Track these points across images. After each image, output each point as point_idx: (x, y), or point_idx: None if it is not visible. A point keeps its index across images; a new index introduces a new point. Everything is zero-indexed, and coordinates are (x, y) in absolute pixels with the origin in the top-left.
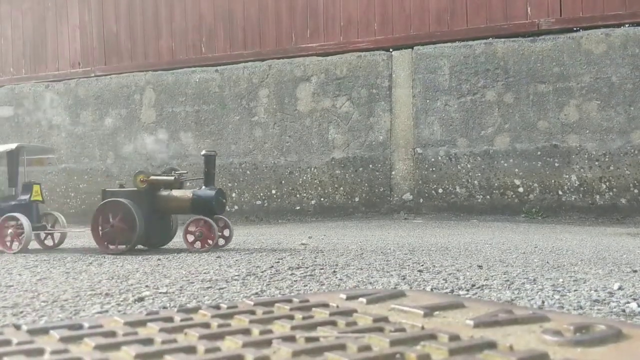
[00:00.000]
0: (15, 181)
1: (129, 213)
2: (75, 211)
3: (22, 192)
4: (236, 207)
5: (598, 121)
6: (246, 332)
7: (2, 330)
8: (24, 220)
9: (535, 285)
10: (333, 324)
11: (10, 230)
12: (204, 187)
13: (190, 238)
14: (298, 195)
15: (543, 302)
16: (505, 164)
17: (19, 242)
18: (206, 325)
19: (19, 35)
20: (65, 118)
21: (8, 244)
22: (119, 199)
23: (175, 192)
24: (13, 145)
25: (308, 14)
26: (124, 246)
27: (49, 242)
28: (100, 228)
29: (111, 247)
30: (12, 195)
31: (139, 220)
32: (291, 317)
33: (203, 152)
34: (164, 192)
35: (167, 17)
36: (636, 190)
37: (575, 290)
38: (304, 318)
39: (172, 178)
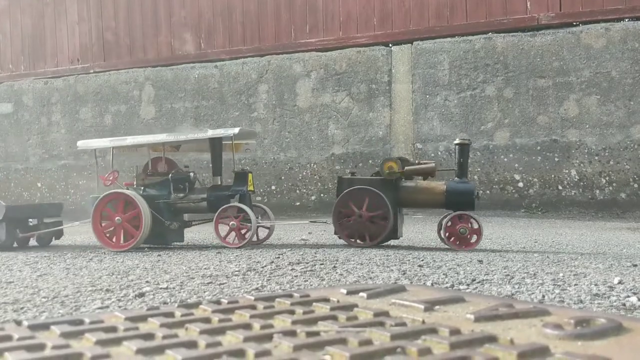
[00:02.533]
0: (219, 169)
1: (381, 204)
2: (75, 207)
3: (235, 181)
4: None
5: (598, 116)
6: (247, 327)
7: (3, 326)
8: (250, 212)
9: (535, 280)
10: (334, 318)
11: (232, 223)
12: (456, 178)
13: (448, 236)
14: (298, 191)
15: (543, 296)
16: (505, 159)
17: (240, 236)
18: (207, 320)
19: (17, 31)
20: (64, 114)
21: (230, 238)
22: (368, 187)
23: (424, 183)
24: (235, 130)
25: (307, 9)
26: (372, 240)
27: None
28: (339, 219)
29: (353, 240)
30: (220, 185)
31: (392, 212)
32: (292, 312)
33: (457, 140)
34: (410, 183)
35: (165, 13)
36: (636, 185)
37: (575, 285)
38: (304, 313)
39: (432, 165)
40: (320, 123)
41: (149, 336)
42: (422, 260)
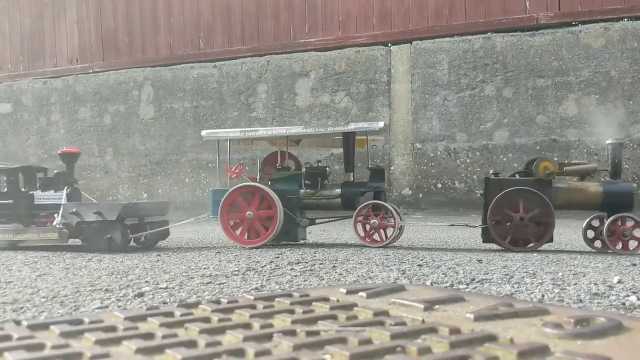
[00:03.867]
0: (352, 165)
1: (542, 205)
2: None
3: (371, 178)
4: None
5: (597, 115)
6: (247, 326)
7: (2, 325)
8: (394, 210)
9: (534, 279)
10: (333, 318)
11: (373, 221)
12: (609, 179)
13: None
14: None
15: (543, 295)
16: (505, 159)
17: (380, 234)
18: (207, 319)
19: (16, 31)
20: (63, 114)
21: (371, 237)
22: (527, 189)
23: (577, 184)
24: (380, 124)
25: (306, 9)
26: (537, 242)
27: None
28: (495, 222)
29: (510, 244)
30: (353, 182)
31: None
32: (292, 312)
33: (609, 140)
34: (562, 184)
35: (165, 12)
36: (635, 184)
37: (575, 284)
38: (304, 312)
39: (593, 165)
40: (319, 123)
41: (149, 336)
42: (422, 259)
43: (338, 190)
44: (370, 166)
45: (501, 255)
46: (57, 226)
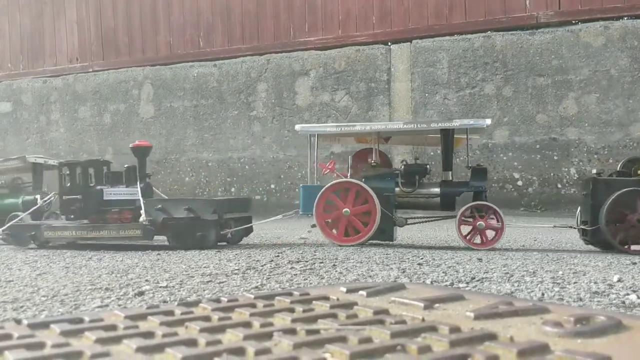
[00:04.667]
0: (451, 164)
1: None
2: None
3: (472, 177)
4: None
5: (597, 114)
6: (247, 325)
7: (3, 324)
8: (500, 212)
9: (535, 278)
10: (333, 316)
11: (480, 223)
12: None
13: None
14: (297, 190)
15: (543, 294)
16: (504, 158)
17: (484, 236)
18: (207, 318)
19: (16, 30)
20: (63, 113)
21: (475, 239)
22: None
23: None
24: (487, 121)
25: (306, 8)
26: None
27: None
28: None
29: (621, 247)
30: (452, 181)
31: None
32: (292, 310)
33: None
34: None
35: (165, 12)
36: None
37: (575, 283)
38: (304, 311)
39: None
40: (319, 122)
41: (149, 334)
42: (422, 258)
43: (437, 189)
44: (470, 165)
45: (501, 254)
46: (143, 223)
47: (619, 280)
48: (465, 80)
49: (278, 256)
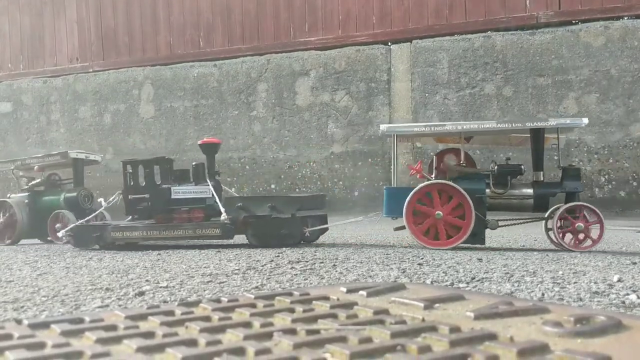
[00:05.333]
0: (542, 164)
1: None
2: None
3: (564, 178)
4: None
5: (597, 114)
6: (247, 325)
7: (3, 324)
8: (600, 213)
9: (535, 278)
10: (334, 316)
11: (578, 225)
12: None
13: None
14: (297, 190)
15: (543, 294)
16: (504, 157)
17: (578, 239)
18: (207, 318)
19: (16, 30)
20: (63, 113)
21: (568, 239)
22: None
23: None
24: (585, 120)
25: (306, 8)
26: None
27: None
28: None
29: None
30: (543, 181)
31: None
32: (292, 310)
33: None
34: None
35: (165, 12)
36: (635, 183)
37: (575, 283)
38: (304, 311)
39: None
40: (319, 122)
41: (149, 334)
42: (422, 258)
43: (529, 191)
44: (561, 165)
45: (501, 254)
46: (224, 221)
47: (619, 280)
48: (465, 80)
49: (278, 256)
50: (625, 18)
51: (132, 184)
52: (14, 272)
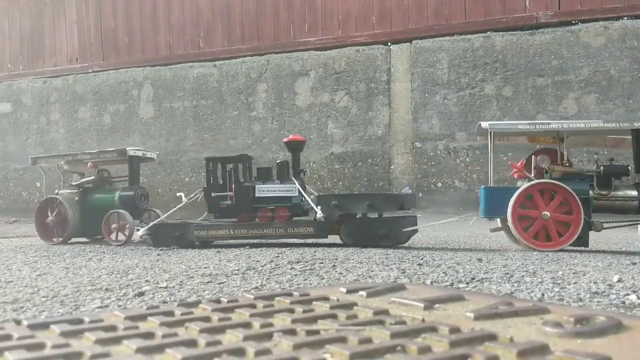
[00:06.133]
0: None
1: None
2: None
3: None
4: None
5: (597, 114)
6: (247, 325)
7: (2, 325)
8: None
9: (534, 278)
10: (333, 317)
11: None
12: None
13: None
14: None
15: (543, 294)
16: (505, 158)
17: None
18: (207, 319)
19: (16, 31)
20: (63, 114)
21: None
22: None
23: None
24: None
25: (306, 8)
26: None
27: None
28: None
29: None
30: None
31: None
32: (292, 311)
33: None
34: None
35: (164, 12)
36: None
37: (574, 283)
38: (304, 311)
39: None
40: (319, 122)
41: (149, 335)
42: (422, 259)
43: (634, 192)
44: None
45: (501, 254)
46: (319, 220)
47: (619, 281)
48: (465, 81)
49: (278, 257)
50: (625, 18)
51: (214, 181)
52: (13, 273)
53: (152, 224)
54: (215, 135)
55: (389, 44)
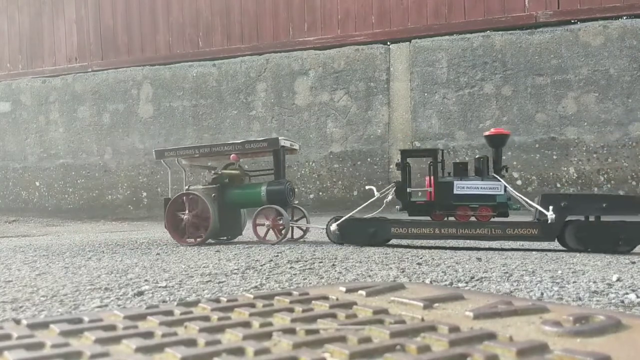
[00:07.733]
0: None
1: None
2: (72, 207)
3: None
4: None
5: (596, 113)
6: (246, 324)
7: (2, 324)
8: None
9: (534, 277)
10: (333, 316)
11: None
12: None
13: None
14: (296, 190)
15: (542, 293)
16: (503, 157)
17: None
18: (206, 318)
19: (15, 30)
20: (62, 113)
21: None
22: None
23: None
24: None
25: (305, 8)
26: None
27: None
28: None
29: None
30: None
31: None
32: (291, 310)
33: None
34: None
35: (164, 11)
36: (634, 182)
37: (574, 282)
38: (304, 311)
39: None
40: (318, 121)
41: (148, 334)
42: (421, 258)
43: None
44: None
45: (500, 253)
46: (550, 221)
47: (618, 280)
48: (464, 80)
49: (277, 256)
50: (624, 17)
51: (409, 176)
52: (12, 272)
53: (343, 218)
54: (214, 134)
55: (388, 43)
